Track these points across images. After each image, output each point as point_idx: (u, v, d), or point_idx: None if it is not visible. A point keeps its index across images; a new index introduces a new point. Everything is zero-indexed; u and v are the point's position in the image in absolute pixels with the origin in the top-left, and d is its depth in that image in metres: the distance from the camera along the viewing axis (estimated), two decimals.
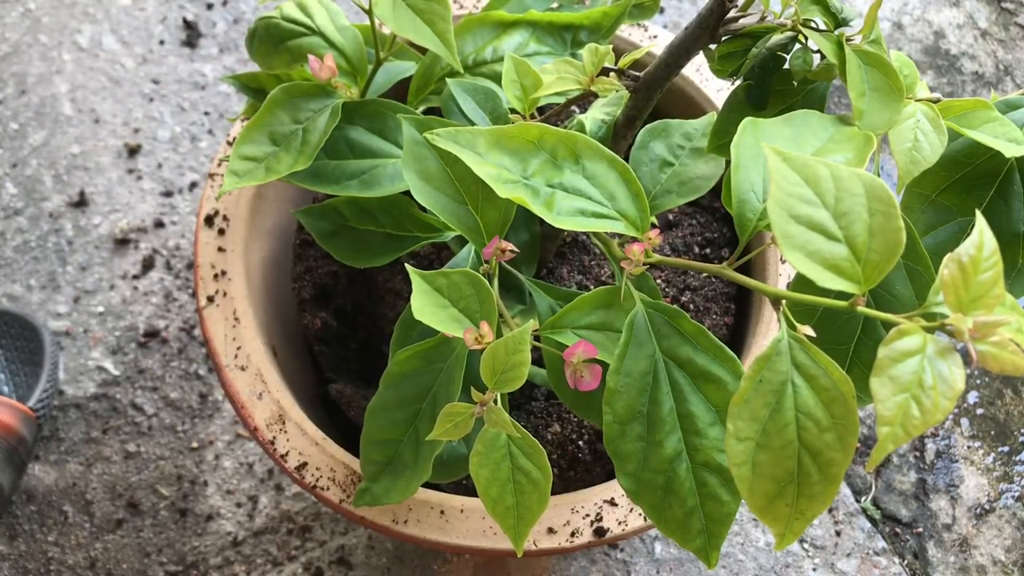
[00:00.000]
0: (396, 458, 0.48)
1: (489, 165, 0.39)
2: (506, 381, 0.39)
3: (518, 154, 0.40)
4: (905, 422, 0.27)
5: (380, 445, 0.49)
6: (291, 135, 0.51)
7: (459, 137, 0.40)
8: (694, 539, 0.39)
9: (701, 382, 0.39)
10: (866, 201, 0.30)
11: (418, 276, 0.42)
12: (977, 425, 0.86)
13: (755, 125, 0.38)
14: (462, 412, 0.39)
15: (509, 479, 0.41)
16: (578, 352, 0.39)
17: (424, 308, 0.41)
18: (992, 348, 0.27)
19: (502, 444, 0.41)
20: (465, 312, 0.42)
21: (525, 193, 0.38)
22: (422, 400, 0.47)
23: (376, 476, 0.49)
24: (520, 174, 0.39)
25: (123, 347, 0.87)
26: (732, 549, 0.80)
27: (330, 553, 0.78)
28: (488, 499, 0.41)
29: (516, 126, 0.40)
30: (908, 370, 0.28)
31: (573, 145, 0.40)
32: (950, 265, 0.28)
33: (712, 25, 0.41)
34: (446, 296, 0.42)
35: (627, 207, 0.39)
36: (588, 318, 0.42)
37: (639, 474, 0.39)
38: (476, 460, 0.41)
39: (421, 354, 0.46)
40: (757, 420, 0.32)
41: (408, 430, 0.48)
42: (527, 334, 0.38)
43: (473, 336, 0.40)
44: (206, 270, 0.62)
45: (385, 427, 0.48)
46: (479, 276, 0.42)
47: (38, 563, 0.78)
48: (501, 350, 0.38)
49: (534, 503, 0.41)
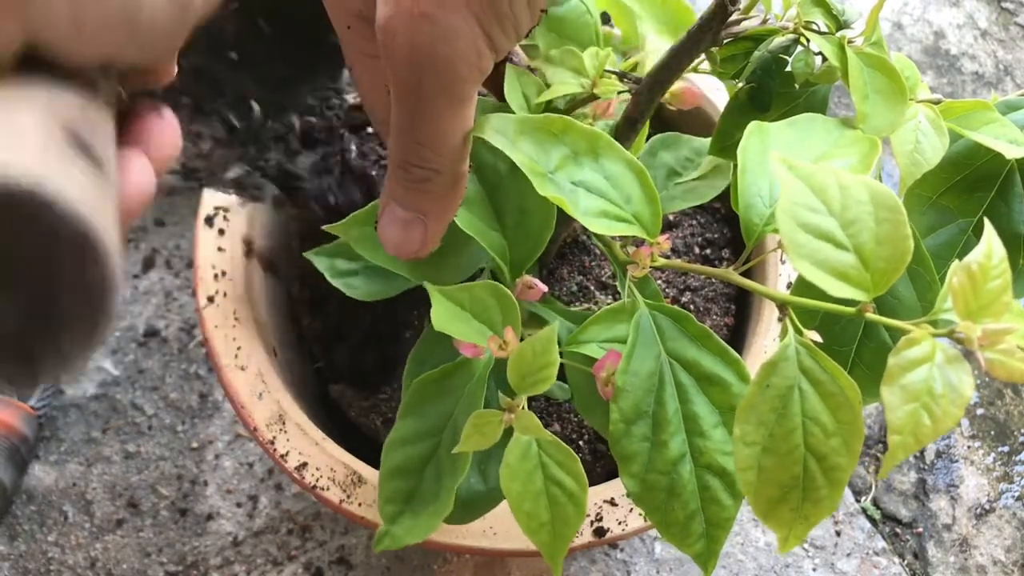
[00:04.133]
0: (416, 495, 0.46)
1: (519, 153, 0.38)
2: (535, 384, 0.38)
3: (542, 145, 0.38)
4: (916, 430, 0.27)
5: (400, 481, 0.46)
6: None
7: (491, 122, 0.39)
8: (694, 544, 0.39)
9: (705, 384, 0.39)
10: (873, 209, 0.30)
11: (437, 293, 0.41)
12: (977, 425, 0.86)
13: (761, 129, 0.38)
14: (491, 419, 0.38)
15: (542, 491, 0.39)
16: (607, 364, 0.39)
17: (444, 321, 0.40)
18: (1000, 356, 0.27)
19: (533, 454, 0.39)
20: (488, 324, 0.41)
21: (557, 191, 0.38)
22: (442, 430, 0.45)
23: (395, 516, 0.46)
24: (545, 167, 0.38)
25: (123, 347, 0.87)
26: (732, 549, 0.80)
27: (330, 553, 0.78)
28: (521, 515, 0.39)
29: (542, 116, 0.39)
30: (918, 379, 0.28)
31: (595, 142, 0.39)
32: (959, 273, 0.28)
33: (714, 27, 0.41)
34: (468, 310, 0.41)
35: (642, 210, 0.39)
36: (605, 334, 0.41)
37: (643, 475, 0.38)
38: (506, 473, 0.39)
39: (438, 380, 0.44)
40: (764, 425, 0.32)
41: (428, 463, 0.45)
42: (553, 335, 0.38)
43: (497, 344, 0.39)
44: (206, 270, 0.62)
45: (404, 463, 0.46)
46: (502, 287, 0.41)
47: (38, 563, 0.78)
48: (528, 351, 0.37)
49: (571, 516, 0.39)
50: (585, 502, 0.39)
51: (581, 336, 0.42)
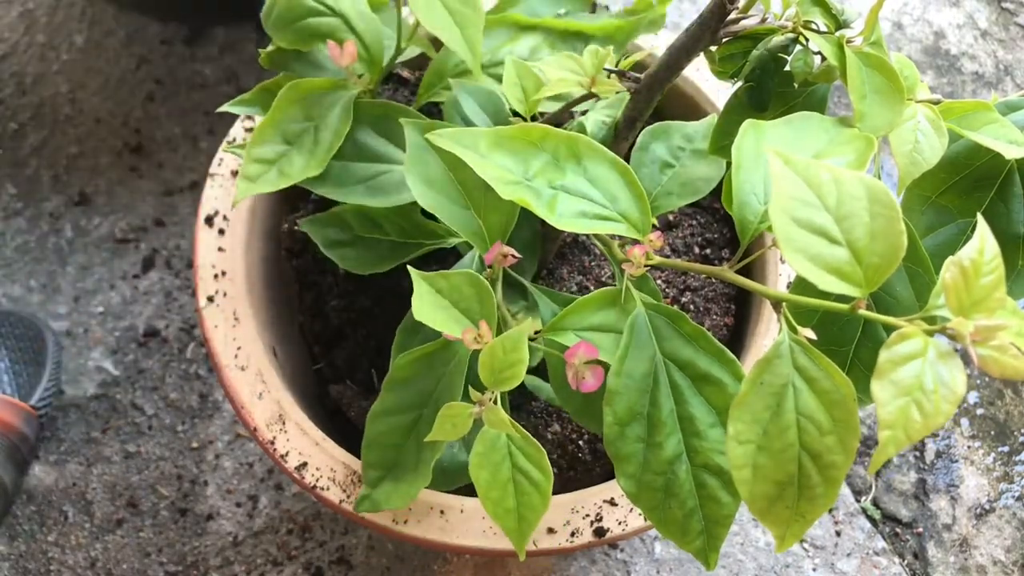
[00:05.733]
0: (397, 463, 0.48)
1: (491, 166, 0.39)
2: (504, 380, 0.39)
3: (520, 155, 0.39)
4: (907, 426, 0.27)
5: (381, 450, 0.48)
6: (303, 133, 0.50)
7: (461, 138, 0.40)
8: (693, 540, 0.39)
9: (701, 384, 0.39)
10: (868, 204, 0.30)
11: (419, 277, 0.42)
12: (977, 425, 0.86)
13: (756, 127, 0.38)
14: (460, 412, 0.39)
15: (510, 480, 0.40)
16: (579, 353, 0.39)
17: (424, 309, 0.41)
18: (993, 352, 0.27)
19: (502, 445, 0.41)
20: (466, 313, 0.41)
21: (528, 194, 0.38)
22: (424, 405, 0.46)
23: (377, 482, 0.49)
24: (522, 175, 0.39)
25: (123, 347, 0.87)
26: (732, 549, 0.80)
27: (330, 553, 0.78)
28: (488, 502, 0.41)
29: (518, 127, 0.40)
30: (909, 374, 0.28)
31: (575, 146, 0.40)
32: (952, 269, 0.28)
33: (713, 26, 0.41)
34: (447, 297, 0.42)
35: (629, 209, 0.39)
36: (589, 320, 0.42)
37: (639, 476, 0.39)
38: (476, 461, 0.40)
39: (423, 359, 0.46)
40: (758, 423, 0.32)
41: (409, 435, 0.47)
42: (525, 332, 0.38)
43: (472, 336, 0.40)
44: (206, 270, 0.62)
45: (386, 432, 0.48)
46: (479, 277, 0.42)
47: (38, 563, 0.78)
48: (499, 349, 0.38)
49: (536, 504, 0.41)
50: (549, 492, 0.40)
51: (562, 322, 0.42)
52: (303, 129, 0.50)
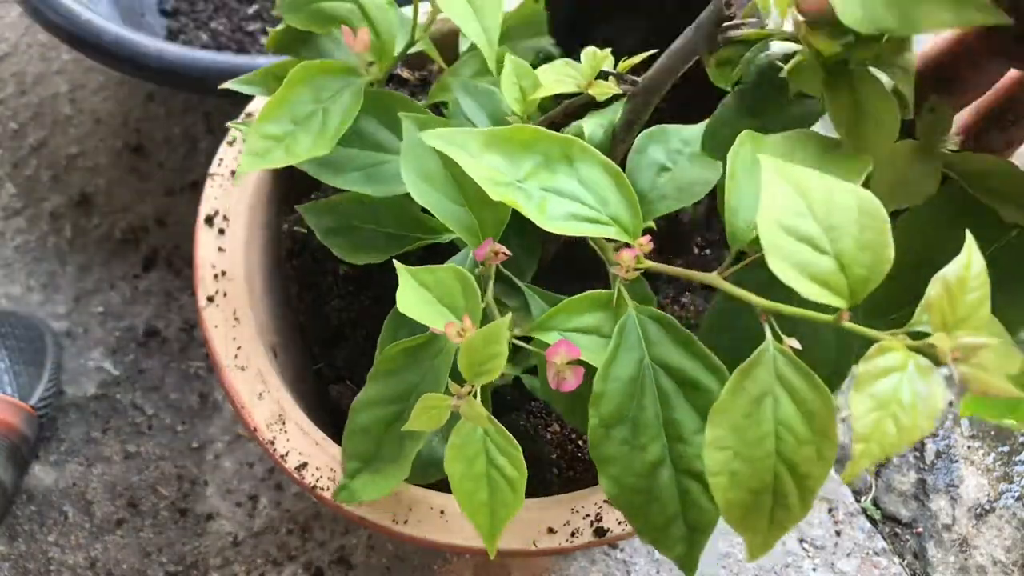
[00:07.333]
0: (378, 455, 0.48)
1: (482, 167, 0.39)
2: (483, 373, 0.38)
3: (511, 156, 0.39)
4: (881, 439, 0.27)
5: (363, 441, 0.48)
6: (311, 115, 0.50)
7: (453, 137, 0.39)
8: (674, 546, 0.38)
9: (688, 389, 0.38)
10: (857, 216, 0.30)
11: (404, 271, 0.42)
12: (977, 425, 0.86)
13: (753, 138, 0.38)
14: (439, 404, 0.39)
15: (483, 475, 0.40)
16: (560, 352, 0.39)
17: (409, 302, 0.41)
18: (975, 370, 0.26)
19: (478, 439, 0.40)
20: (450, 308, 0.41)
21: (518, 196, 0.38)
22: (407, 398, 0.46)
23: (356, 472, 0.49)
24: (513, 176, 0.39)
25: (123, 347, 0.87)
26: (732, 549, 0.80)
27: (330, 553, 0.79)
28: (461, 494, 0.40)
29: (510, 128, 0.40)
30: (887, 387, 0.27)
31: (567, 148, 0.39)
32: (936, 285, 0.27)
33: (710, 31, 0.41)
34: (432, 291, 0.42)
35: (620, 212, 0.39)
36: (576, 321, 0.42)
37: (621, 478, 0.38)
38: (451, 454, 0.40)
39: (408, 351, 0.46)
40: (736, 430, 0.32)
41: (391, 427, 0.47)
42: (504, 325, 0.38)
43: (455, 330, 0.40)
44: (206, 270, 0.62)
45: (368, 424, 0.48)
46: (464, 272, 0.41)
47: (38, 563, 0.78)
48: (479, 341, 0.38)
49: (509, 501, 0.40)
50: (523, 489, 0.40)
51: (548, 322, 0.42)
52: (312, 111, 0.50)
